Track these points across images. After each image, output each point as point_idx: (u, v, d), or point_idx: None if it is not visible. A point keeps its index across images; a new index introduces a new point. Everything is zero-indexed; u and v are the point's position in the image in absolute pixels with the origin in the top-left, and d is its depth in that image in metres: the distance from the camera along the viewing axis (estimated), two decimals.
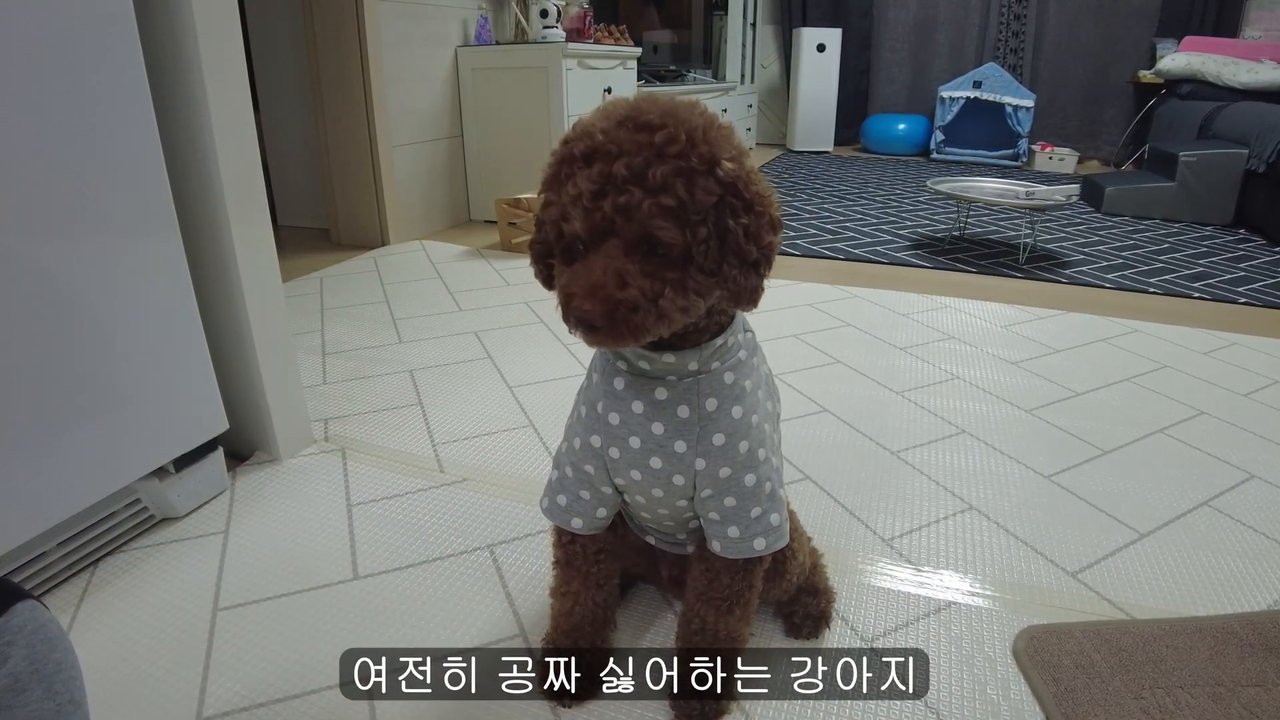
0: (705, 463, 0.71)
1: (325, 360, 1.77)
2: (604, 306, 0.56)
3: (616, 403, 0.71)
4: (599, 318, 0.56)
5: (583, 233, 0.58)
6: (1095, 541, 1.13)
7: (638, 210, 0.55)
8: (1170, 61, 4.37)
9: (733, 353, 0.70)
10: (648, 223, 0.56)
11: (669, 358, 0.67)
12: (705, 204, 0.57)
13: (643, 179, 0.55)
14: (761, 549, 0.74)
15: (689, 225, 0.57)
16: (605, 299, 0.56)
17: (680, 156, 0.56)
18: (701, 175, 0.57)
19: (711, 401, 0.69)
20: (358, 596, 1.00)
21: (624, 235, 0.57)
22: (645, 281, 0.57)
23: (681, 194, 0.56)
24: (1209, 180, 3.36)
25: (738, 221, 0.58)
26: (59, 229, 0.92)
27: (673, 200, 0.55)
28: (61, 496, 0.97)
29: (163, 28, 1.10)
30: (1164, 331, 2.01)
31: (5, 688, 0.47)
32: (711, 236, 0.58)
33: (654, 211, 0.55)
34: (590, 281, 0.56)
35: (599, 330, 0.56)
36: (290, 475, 1.29)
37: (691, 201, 0.56)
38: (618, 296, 0.56)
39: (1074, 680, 0.85)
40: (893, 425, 1.48)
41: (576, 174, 0.57)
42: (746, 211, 0.58)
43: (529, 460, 1.34)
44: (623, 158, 0.55)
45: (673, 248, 0.57)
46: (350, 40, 2.60)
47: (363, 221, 2.84)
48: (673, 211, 0.56)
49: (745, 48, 5.63)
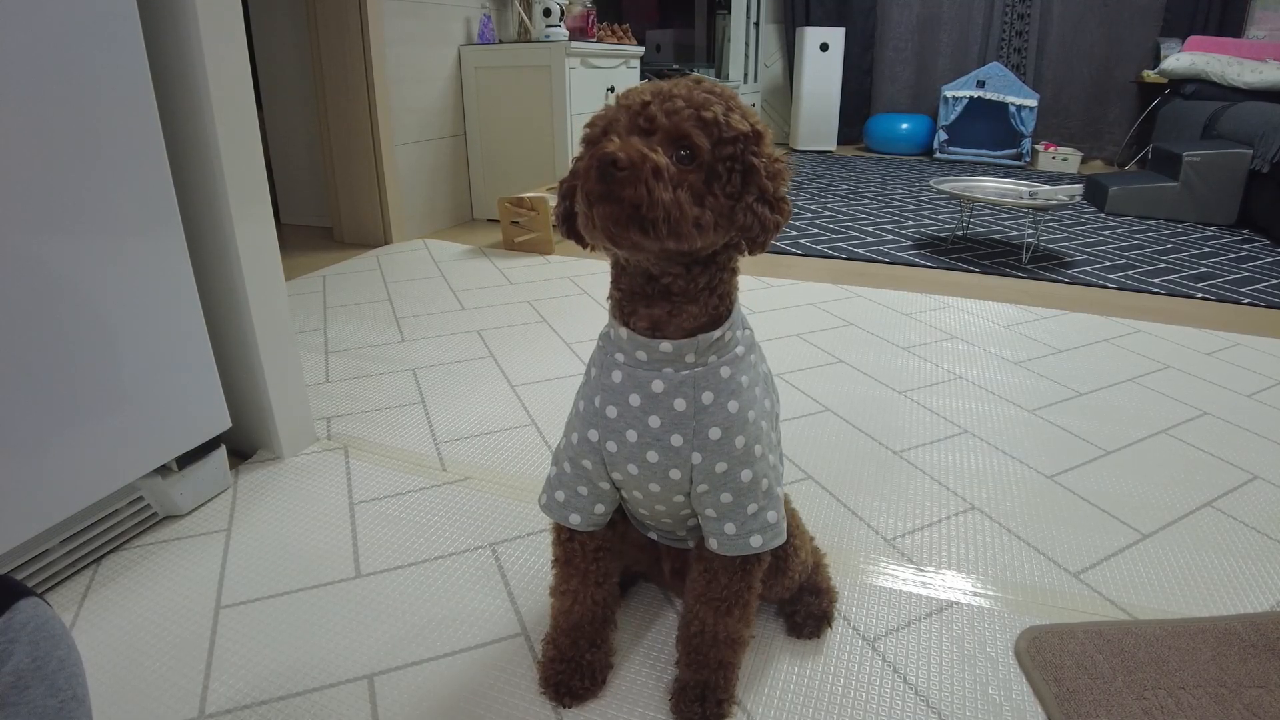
0: (701, 457, 0.71)
1: (328, 359, 1.77)
2: (633, 153, 0.58)
3: (614, 396, 0.71)
4: (624, 160, 0.57)
5: (624, 132, 0.61)
6: (1097, 542, 1.13)
7: (678, 114, 0.60)
8: (1174, 61, 4.36)
9: (729, 347, 0.70)
10: (684, 124, 0.60)
11: (666, 346, 0.68)
12: (737, 130, 0.61)
13: (687, 97, 0.61)
14: (758, 546, 0.74)
15: (718, 144, 0.61)
16: (637, 153, 0.58)
17: (720, 96, 0.63)
18: (735, 113, 0.62)
19: (708, 395, 0.69)
20: (360, 595, 1.00)
21: (662, 131, 0.60)
22: (673, 166, 0.60)
23: (719, 115, 0.61)
24: (1213, 180, 3.35)
25: (761, 159, 0.63)
26: (63, 227, 0.92)
27: (710, 114, 0.60)
28: (64, 494, 0.97)
29: (166, 26, 1.10)
30: (1167, 332, 2.01)
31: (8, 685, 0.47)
32: (736, 159, 0.62)
33: (692, 118, 0.60)
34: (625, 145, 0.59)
35: (620, 171, 0.57)
36: (293, 473, 1.29)
37: (725, 122, 0.61)
38: (648, 153, 0.58)
39: (1076, 681, 0.85)
40: (895, 425, 1.48)
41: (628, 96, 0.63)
42: (769, 159, 0.64)
43: (531, 459, 1.35)
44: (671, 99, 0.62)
45: (701, 153, 0.60)
46: (354, 39, 2.60)
47: (366, 220, 2.84)
48: (707, 124, 0.60)
49: (748, 46, 5.63)
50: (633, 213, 0.58)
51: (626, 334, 0.69)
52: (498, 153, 3.20)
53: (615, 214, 0.58)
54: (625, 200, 0.57)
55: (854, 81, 5.69)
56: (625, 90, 0.65)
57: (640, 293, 0.68)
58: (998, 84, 5.00)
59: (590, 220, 0.60)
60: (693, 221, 0.60)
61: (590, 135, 0.64)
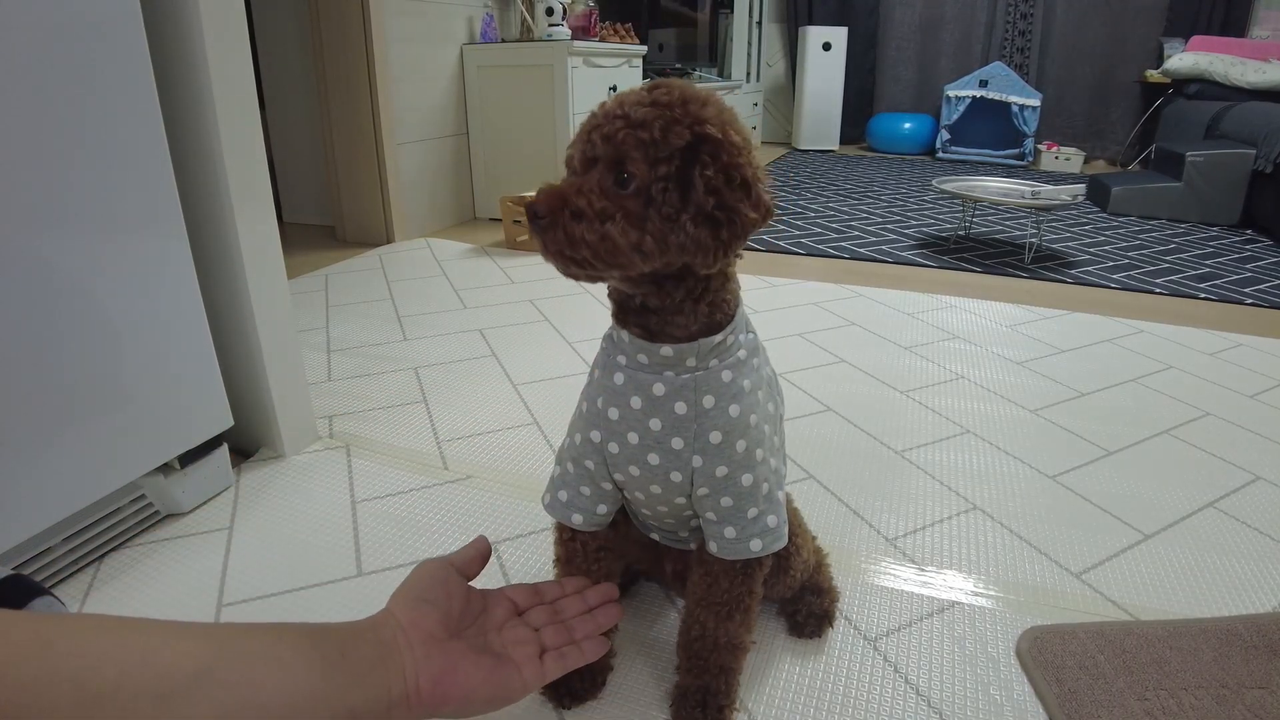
0: (702, 460, 0.71)
1: (330, 357, 1.77)
2: (551, 203, 0.60)
3: (616, 398, 0.71)
4: (542, 208, 0.60)
5: (578, 163, 0.63)
6: (1099, 542, 1.13)
7: (616, 137, 0.60)
8: (1178, 61, 4.35)
9: (731, 351, 0.70)
10: (622, 148, 0.60)
11: (666, 350, 0.68)
12: (674, 145, 0.60)
13: (628, 115, 0.60)
14: (758, 550, 0.74)
15: (654, 164, 0.60)
16: (556, 196, 0.61)
17: (666, 106, 0.60)
18: (679, 124, 0.60)
19: (709, 399, 0.69)
20: (361, 593, 1.00)
21: (603, 160, 0.61)
22: (601, 200, 0.61)
23: (656, 133, 0.59)
24: (1216, 180, 3.35)
25: (702, 174, 0.60)
26: (65, 225, 0.92)
27: (646, 134, 0.59)
28: (67, 492, 0.97)
29: (169, 25, 1.10)
30: (1170, 332, 2.01)
31: None
32: (672, 179, 0.60)
33: (628, 140, 0.60)
34: (550, 190, 0.62)
35: (540, 221, 0.61)
36: (295, 472, 1.29)
37: (662, 140, 0.60)
38: (570, 199, 0.60)
39: (1077, 681, 0.85)
40: (897, 424, 1.48)
41: (592, 115, 0.64)
42: (717, 169, 0.60)
43: (533, 458, 1.35)
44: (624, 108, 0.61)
45: (634, 178, 0.60)
46: (356, 38, 2.60)
47: (368, 219, 2.84)
48: (644, 145, 0.59)
49: (751, 46, 5.62)
50: (559, 252, 0.61)
51: (628, 336, 0.70)
52: (500, 152, 3.20)
53: (551, 255, 0.62)
54: (550, 242, 0.61)
55: (856, 81, 5.69)
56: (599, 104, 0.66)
57: (626, 305, 0.69)
58: (1000, 84, 4.99)
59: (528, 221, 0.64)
60: (632, 248, 0.60)
61: (569, 160, 0.66)
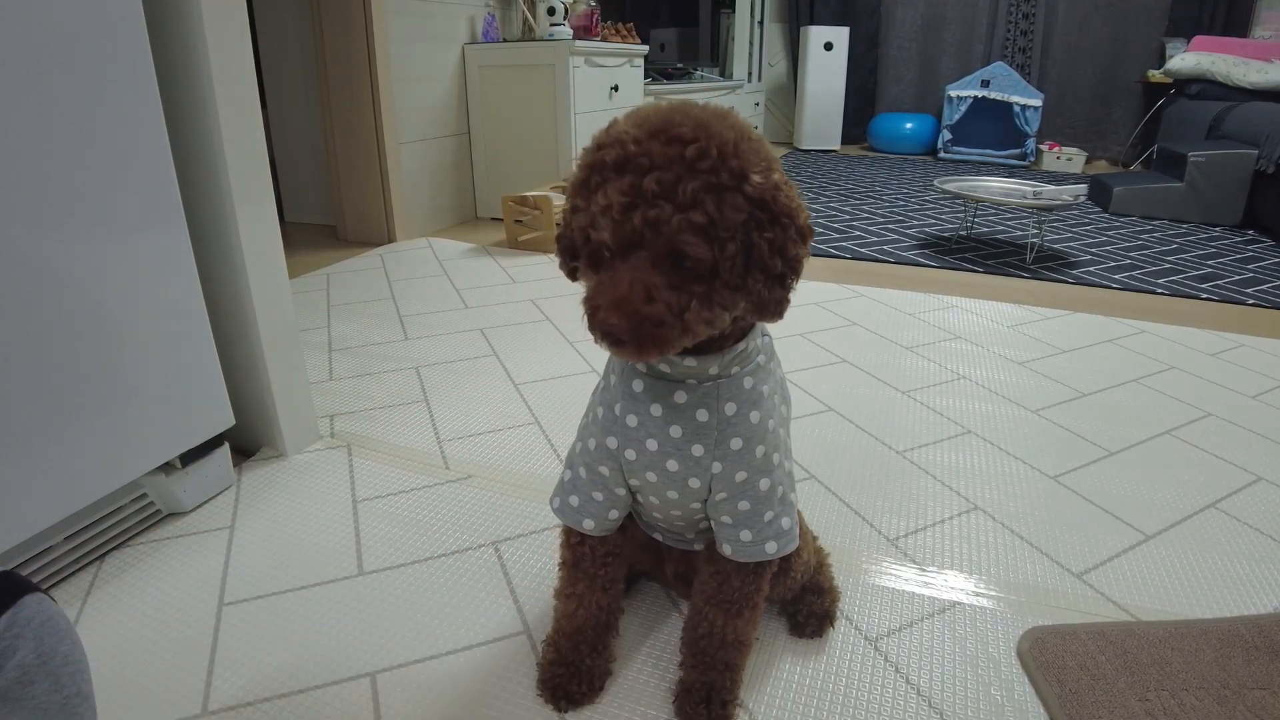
0: (722, 466, 0.71)
1: (331, 356, 1.77)
2: (630, 321, 0.56)
3: (635, 405, 0.71)
4: (625, 332, 0.56)
5: (611, 243, 0.58)
6: (1101, 543, 1.13)
7: (667, 225, 0.55)
8: (1179, 61, 4.34)
9: (752, 358, 0.70)
10: (676, 238, 0.56)
11: (690, 362, 0.67)
12: (734, 220, 0.57)
13: (673, 194, 0.55)
14: (773, 553, 0.74)
15: (717, 242, 0.57)
16: (632, 314, 0.56)
17: (711, 172, 0.56)
18: (730, 191, 0.56)
19: (731, 406, 0.69)
20: (362, 592, 1.00)
21: (652, 249, 0.57)
22: (671, 295, 0.57)
23: (711, 211, 0.56)
24: (1218, 181, 3.34)
25: (763, 236, 0.58)
26: (67, 224, 0.92)
27: (702, 217, 0.55)
28: (68, 491, 0.98)
29: (171, 25, 1.11)
30: (1171, 332, 2.00)
31: (13, 681, 0.47)
32: (739, 252, 0.58)
33: (683, 227, 0.55)
34: (617, 295, 0.56)
35: (625, 344, 0.57)
36: (296, 471, 1.29)
37: (720, 218, 0.56)
38: (644, 311, 0.56)
39: (1078, 682, 0.85)
40: (898, 425, 1.48)
41: (606, 184, 0.57)
42: (773, 225, 0.58)
43: (534, 457, 1.35)
44: (654, 171, 0.55)
45: (700, 263, 0.57)
46: (358, 37, 2.60)
47: (370, 218, 2.84)
48: (701, 228, 0.56)
49: (752, 46, 5.62)
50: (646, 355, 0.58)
51: None
52: (502, 151, 3.20)
53: (629, 355, 0.59)
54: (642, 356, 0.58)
55: (858, 81, 5.68)
56: (603, 138, 0.59)
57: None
58: (1002, 84, 4.99)
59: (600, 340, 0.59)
60: (706, 325, 0.59)
61: (574, 204, 0.62)
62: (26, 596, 0.50)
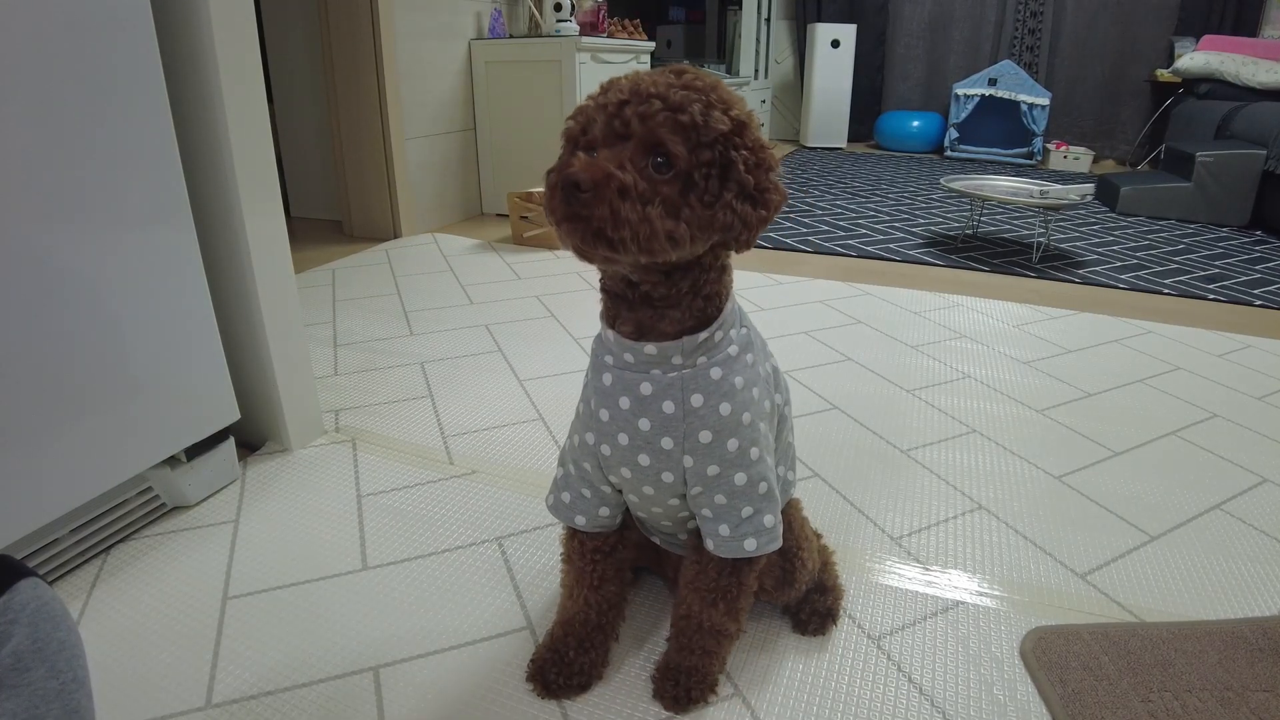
0: (693, 460, 0.70)
1: (337, 351, 1.78)
2: (596, 175, 0.56)
3: (606, 399, 0.71)
4: (587, 180, 0.56)
5: (600, 135, 0.60)
6: (1105, 543, 1.12)
7: (653, 119, 0.58)
8: (1188, 60, 4.32)
9: (721, 348, 0.69)
10: (660, 130, 0.58)
11: (650, 349, 0.67)
12: (716, 131, 0.59)
13: (664, 97, 0.59)
14: (752, 550, 0.74)
15: (696, 148, 0.59)
16: (599, 170, 0.57)
17: (701, 91, 0.60)
18: (716, 109, 0.60)
19: (697, 397, 0.69)
20: (366, 587, 1.01)
21: (637, 138, 0.59)
22: (643, 183, 0.58)
23: (696, 116, 0.58)
24: (1226, 181, 3.33)
25: (740, 152, 0.60)
26: (74, 219, 0.93)
27: (687, 118, 0.58)
28: (74, 483, 0.98)
29: (178, 21, 1.11)
30: (1178, 333, 2.00)
31: (8, 666, 0.47)
32: (714, 163, 0.60)
33: (668, 122, 0.58)
34: (589, 161, 0.58)
35: (583, 194, 0.56)
36: (301, 466, 1.30)
37: (704, 125, 0.59)
38: (612, 171, 0.57)
39: (1081, 682, 0.85)
40: (903, 423, 1.47)
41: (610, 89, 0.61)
42: (751, 152, 0.61)
43: (538, 453, 1.35)
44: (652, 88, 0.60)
45: (677, 161, 0.59)
46: (364, 33, 2.60)
47: (375, 214, 2.85)
48: (684, 128, 0.58)
49: (759, 43, 5.61)
50: (599, 231, 0.57)
51: (613, 336, 0.69)
52: (507, 147, 3.20)
53: (581, 232, 0.58)
54: (592, 219, 0.57)
55: (865, 78, 5.67)
56: (607, 81, 0.63)
57: (623, 297, 0.67)
58: (1010, 82, 4.97)
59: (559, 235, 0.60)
60: (665, 236, 0.58)
61: (570, 131, 0.63)
62: (21, 581, 0.49)
